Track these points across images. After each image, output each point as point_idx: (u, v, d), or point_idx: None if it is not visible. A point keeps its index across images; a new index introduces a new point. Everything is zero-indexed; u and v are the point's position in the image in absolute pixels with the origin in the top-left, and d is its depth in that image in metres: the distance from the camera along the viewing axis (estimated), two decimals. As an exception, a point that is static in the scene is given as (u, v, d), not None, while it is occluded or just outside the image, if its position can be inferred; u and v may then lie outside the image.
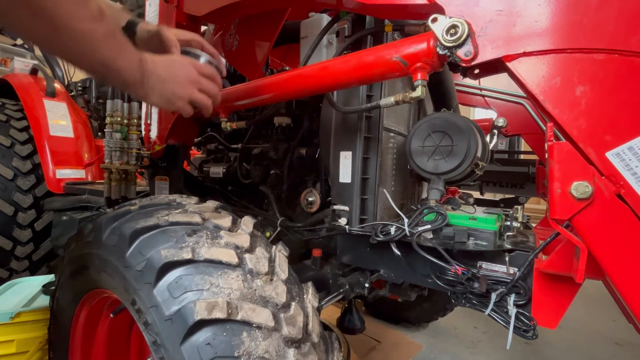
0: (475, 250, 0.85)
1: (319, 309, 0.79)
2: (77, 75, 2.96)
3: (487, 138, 1.65)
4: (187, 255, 0.64)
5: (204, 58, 0.78)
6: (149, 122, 1.40)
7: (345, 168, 1.03)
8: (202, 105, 0.74)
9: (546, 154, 0.60)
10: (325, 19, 1.14)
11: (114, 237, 0.73)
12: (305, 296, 0.74)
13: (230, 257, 0.66)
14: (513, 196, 1.78)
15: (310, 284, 0.79)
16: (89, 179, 2.13)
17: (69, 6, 0.51)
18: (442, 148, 0.94)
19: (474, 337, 2.18)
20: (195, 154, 1.93)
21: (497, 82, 1.68)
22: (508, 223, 0.98)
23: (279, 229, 1.17)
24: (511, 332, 0.75)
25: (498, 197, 1.91)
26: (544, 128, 0.99)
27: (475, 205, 1.10)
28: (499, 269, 0.83)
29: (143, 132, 1.43)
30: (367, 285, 1.09)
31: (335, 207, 1.06)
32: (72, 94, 2.71)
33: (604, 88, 0.55)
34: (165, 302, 0.61)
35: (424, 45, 0.68)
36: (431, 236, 0.91)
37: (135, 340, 1.00)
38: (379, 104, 0.86)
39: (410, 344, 2.01)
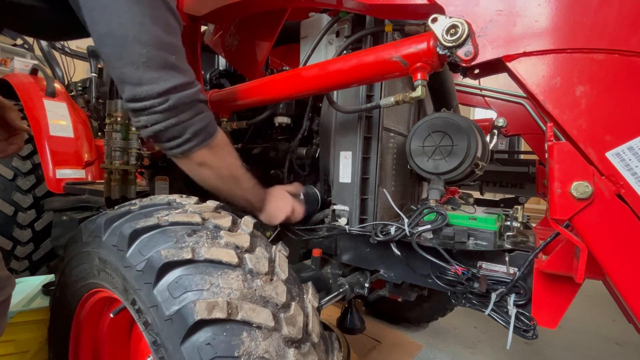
0: (475, 250, 0.85)
1: (319, 309, 0.79)
2: (77, 75, 2.96)
3: (487, 138, 1.65)
4: (187, 255, 0.64)
5: (301, 196, 1.12)
6: (149, 122, 1.40)
7: (345, 168, 1.03)
8: (288, 222, 1.10)
9: (546, 154, 0.60)
10: (325, 19, 1.14)
11: (114, 237, 0.72)
12: (305, 296, 0.74)
13: (230, 257, 0.66)
14: (513, 196, 1.77)
15: (310, 284, 0.79)
16: (89, 179, 2.12)
17: (244, 182, 0.96)
18: (442, 148, 0.94)
19: (474, 337, 2.18)
20: (195, 154, 1.92)
21: (497, 82, 1.67)
22: (508, 223, 0.98)
23: (278, 229, 1.17)
24: (511, 332, 0.75)
25: (498, 197, 1.91)
26: (544, 128, 0.99)
27: (475, 205, 1.10)
28: (499, 269, 0.83)
29: (143, 132, 1.42)
30: (367, 285, 1.09)
31: (335, 207, 1.06)
32: (72, 94, 2.70)
33: (604, 88, 0.55)
34: (165, 302, 0.61)
35: (424, 45, 0.68)
36: (431, 236, 0.91)
37: (135, 340, 1.00)
38: (379, 104, 0.86)
39: (410, 344, 2.01)
